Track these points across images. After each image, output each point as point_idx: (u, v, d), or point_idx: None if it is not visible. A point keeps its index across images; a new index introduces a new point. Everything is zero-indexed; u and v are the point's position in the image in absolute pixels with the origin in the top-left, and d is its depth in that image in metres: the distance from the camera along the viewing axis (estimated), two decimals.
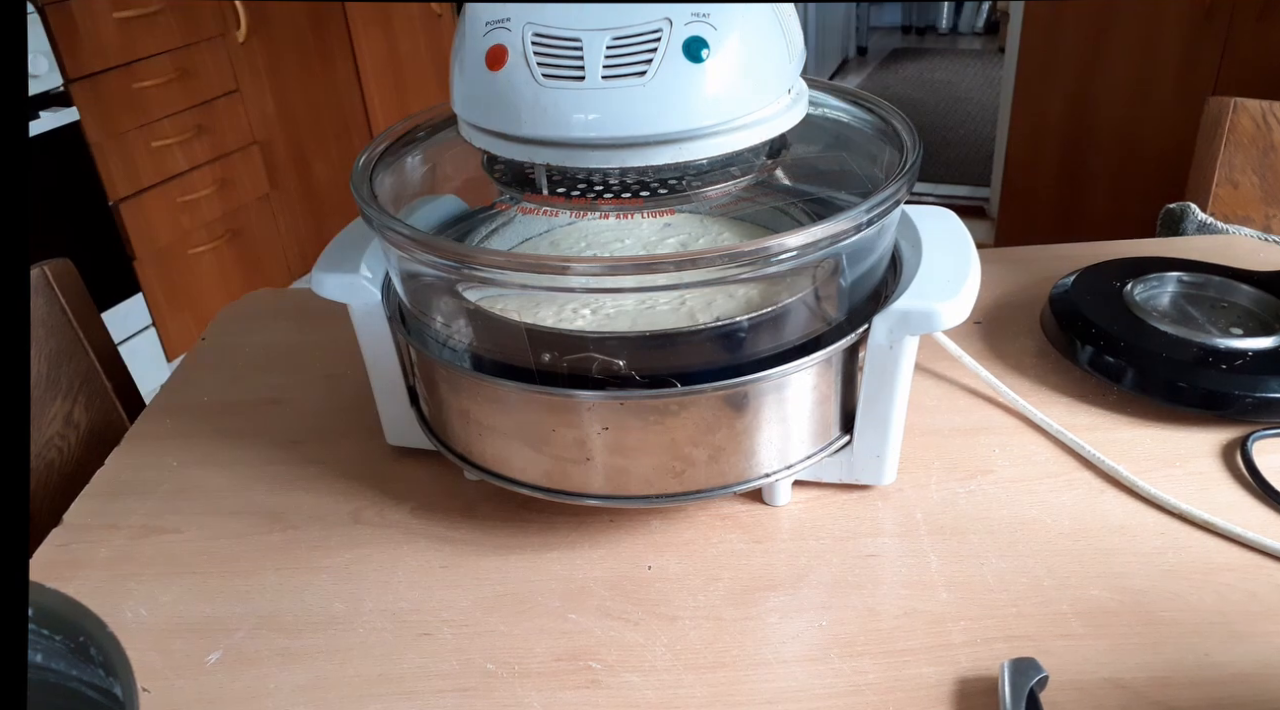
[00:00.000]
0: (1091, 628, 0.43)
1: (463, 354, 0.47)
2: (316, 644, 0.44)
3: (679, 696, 0.41)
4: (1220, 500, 0.49)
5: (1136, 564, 0.46)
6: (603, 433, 0.44)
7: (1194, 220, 0.83)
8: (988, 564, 0.46)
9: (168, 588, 0.48)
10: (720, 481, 0.46)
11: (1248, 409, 0.53)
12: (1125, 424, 0.55)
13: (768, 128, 0.44)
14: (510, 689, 0.42)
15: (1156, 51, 1.86)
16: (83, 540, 0.51)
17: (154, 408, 0.63)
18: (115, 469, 0.57)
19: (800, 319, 0.45)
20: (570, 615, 0.45)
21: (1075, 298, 0.61)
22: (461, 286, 0.46)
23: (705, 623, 0.44)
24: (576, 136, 0.41)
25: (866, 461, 0.49)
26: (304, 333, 0.70)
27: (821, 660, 0.42)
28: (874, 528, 0.49)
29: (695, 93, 0.40)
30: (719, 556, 0.48)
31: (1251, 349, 0.55)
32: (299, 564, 0.49)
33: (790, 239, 0.40)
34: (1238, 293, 0.62)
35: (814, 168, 0.53)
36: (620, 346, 0.43)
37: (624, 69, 0.40)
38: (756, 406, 0.44)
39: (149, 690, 0.42)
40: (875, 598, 0.45)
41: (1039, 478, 0.52)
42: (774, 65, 0.43)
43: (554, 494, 0.47)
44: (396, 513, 0.52)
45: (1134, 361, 0.55)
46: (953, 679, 0.41)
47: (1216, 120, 0.87)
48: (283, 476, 0.55)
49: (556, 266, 0.42)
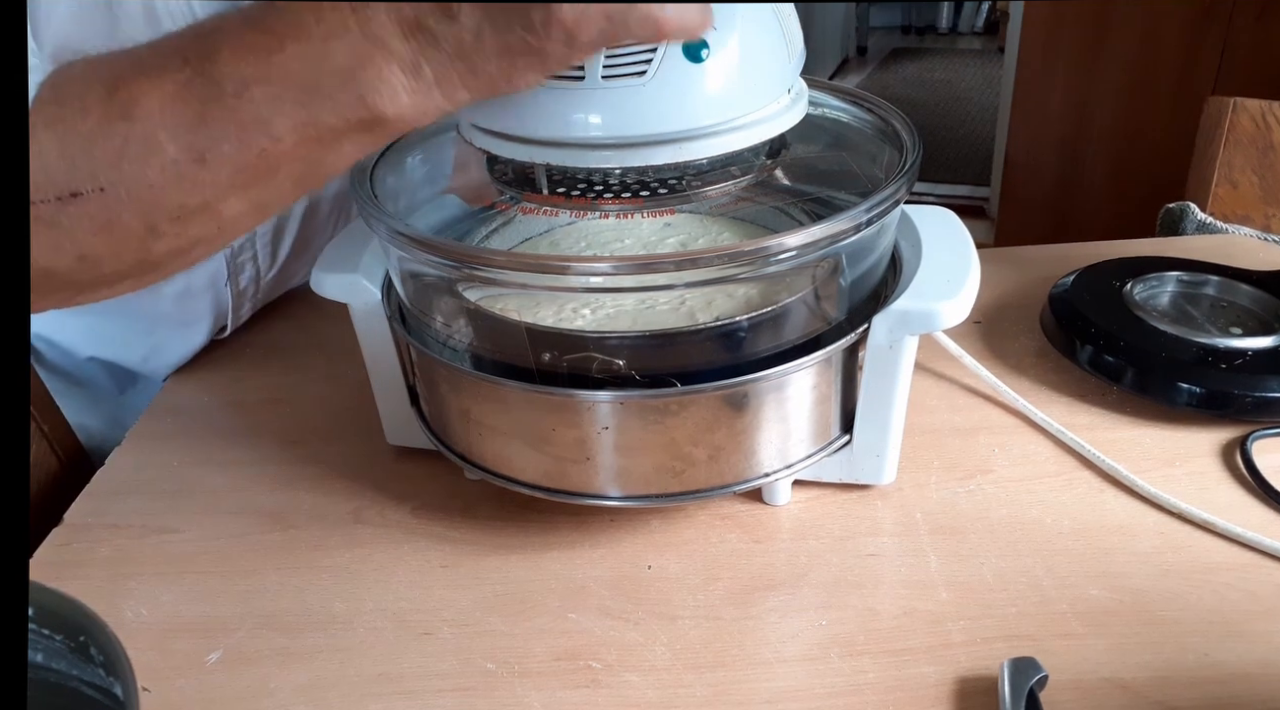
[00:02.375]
0: (1091, 627, 0.43)
1: (463, 354, 0.47)
2: (316, 644, 0.44)
3: (679, 696, 0.41)
4: (1220, 500, 0.49)
5: (1136, 564, 0.46)
6: (603, 432, 0.44)
7: (1194, 220, 0.83)
8: (988, 564, 0.46)
9: (168, 588, 0.48)
10: (720, 481, 0.46)
11: (1247, 409, 0.53)
12: (1125, 424, 0.55)
13: (768, 128, 0.44)
14: (510, 688, 0.42)
15: (1156, 51, 1.86)
16: (83, 540, 0.51)
17: (154, 407, 0.63)
18: (115, 469, 0.57)
19: (800, 319, 0.45)
20: (570, 615, 0.45)
21: (1075, 297, 0.61)
22: (462, 286, 0.46)
23: (705, 622, 0.44)
24: (576, 137, 0.41)
25: (866, 461, 0.49)
26: (304, 333, 0.70)
27: (821, 660, 0.42)
28: (874, 527, 0.49)
29: (695, 93, 0.40)
30: (719, 556, 0.48)
31: (1251, 349, 0.55)
32: (299, 564, 0.49)
33: (790, 239, 0.40)
34: (1237, 292, 0.62)
35: (814, 168, 0.53)
36: (620, 346, 0.43)
37: (623, 69, 0.40)
38: (756, 406, 0.44)
39: (149, 690, 0.42)
40: (875, 597, 0.45)
41: (1039, 477, 0.52)
42: (774, 65, 0.43)
43: (554, 494, 0.47)
44: (396, 513, 0.52)
45: (1134, 361, 0.56)
46: (953, 678, 0.41)
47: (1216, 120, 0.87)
48: (283, 476, 0.55)
49: (557, 266, 0.42)
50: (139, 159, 0.36)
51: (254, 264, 0.64)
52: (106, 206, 0.37)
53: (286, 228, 0.65)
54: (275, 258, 0.66)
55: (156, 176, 0.36)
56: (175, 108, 0.35)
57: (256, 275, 0.65)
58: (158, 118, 0.35)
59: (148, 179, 0.36)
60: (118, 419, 0.67)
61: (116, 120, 0.36)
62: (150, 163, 0.36)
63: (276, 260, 0.66)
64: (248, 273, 0.64)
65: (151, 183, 0.36)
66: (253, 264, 0.64)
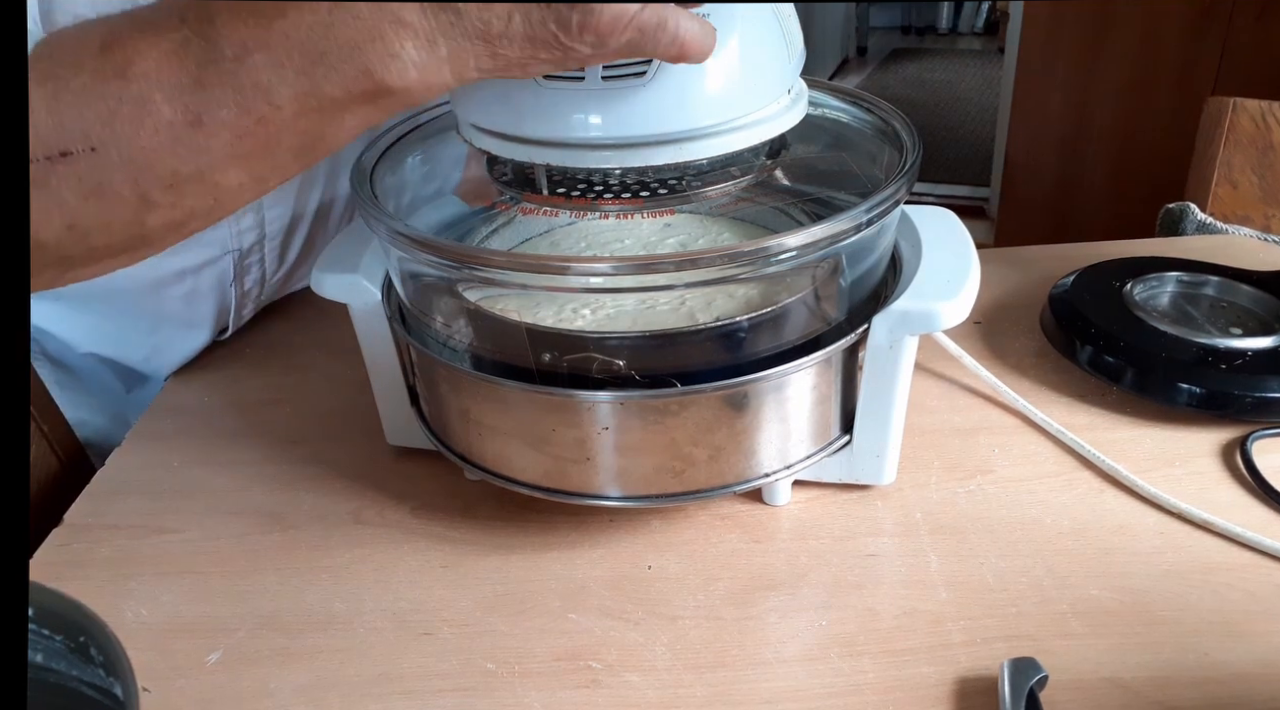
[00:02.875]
0: (1091, 627, 0.43)
1: (463, 354, 0.47)
2: (316, 644, 0.44)
3: (679, 696, 0.41)
4: (1220, 500, 0.49)
5: (1136, 564, 0.46)
6: (603, 432, 0.44)
7: (1193, 220, 0.83)
8: (988, 564, 0.46)
9: (168, 588, 0.48)
10: (720, 481, 0.46)
11: (1247, 409, 0.53)
12: (1125, 424, 0.55)
13: (767, 128, 0.44)
14: (510, 688, 0.42)
15: (1156, 51, 1.86)
16: (83, 540, 0.51)
17: (154, 407, 0.63)
18: (115, 469, 0.57)
19: (800, 319, 0.45)
20: (570, 615, 0.45)
21: (1075, 298, 0.61)
22: (462, 286, 0.46)
23: (705, 622, 0.44)
24: (576, 137, 0.41)
25: (866, 461, 0.49)
26: (304, 333, 0.70)
27: (821, 660, 0.42)
28: (874, 527, 0.49)
29: (694, 93, 0.40)
30: (719, 556, 0.48)
31: (1251, 349, 0.55)
32: (299, 564, 0.49)
33: (790, 239, 0.40)
34: (1237, 293, 0.62)
35: (814, 168, 0.53)
36: (620, 346, 0.43)
37: (623, 69, 0.40)
38: (756, 406, 0.44)
39: (149, 690, 0.42)
40: (875, 597, 0.45)
41: (1039, 477, 0.52)
42: (774, 66, 0.43)
43: (554, 494, 0.47)
44: (396, 513, 0.52)
45: (1134, 361, 0.56)
46: (953, 678, 0.41)
47: (1216, 120, 0.87)
48: (283, 476, 0.55)
49: (557, 266, 0.43)
50: (132, 119, 0.35)
51: (260, 266, 0.64)
52: (97, 167, 0.35)
53: (297, 229, 0.65)
54: (283, 261, 0.66)
55: (150, 138, 0.35)
56: (171, 67, 0.34)
57: (262, 277, 0.65)
58: (154, 77, 0.34)
59: (141, 141, 0.35)
60: (120, 416, 0.67)
61: (111, 79, 0.34)
62: (144, 123, 0.35)
63: (285, 263, 0.66)
64: (254, 275, 0.64)
65: (145, 145, 0.35)
66: (259, 266, 0.64)
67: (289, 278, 0.68)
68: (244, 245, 0.61)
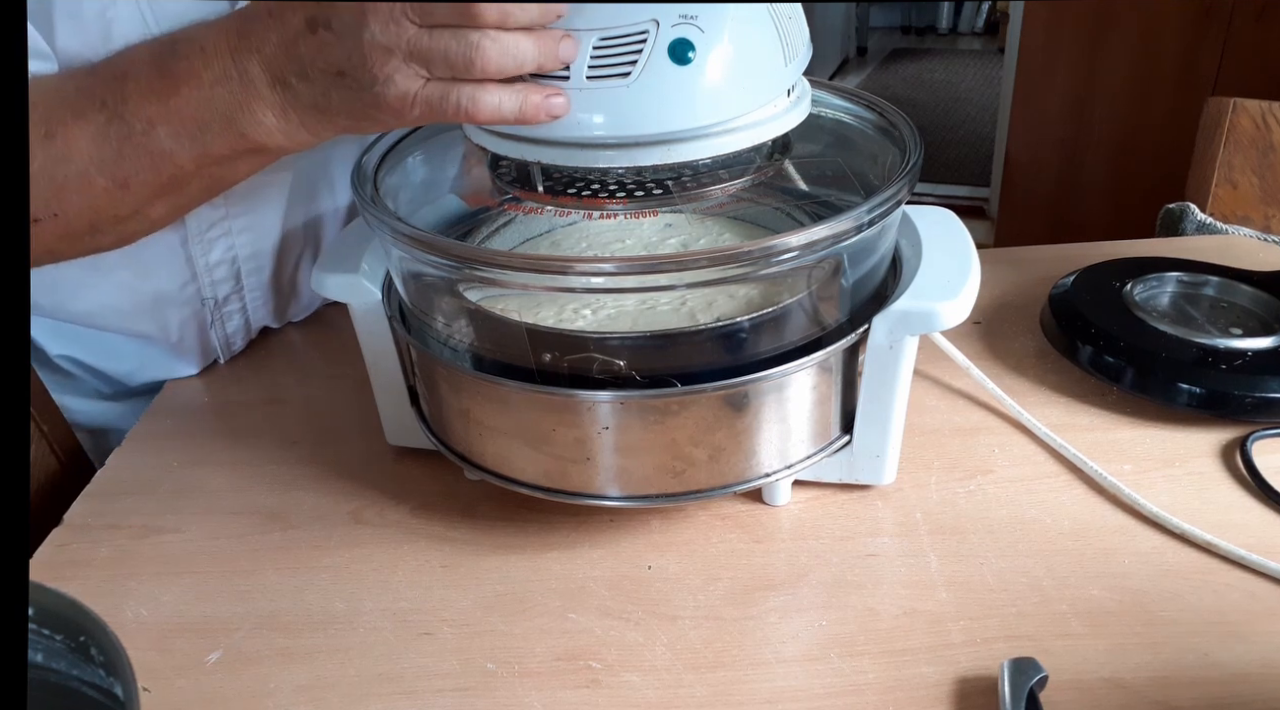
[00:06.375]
0: (1091, 628, 0.43)
1: (463, 354, 0.47)
2: (316, 644, 0.44)
3: (679, 696, 0.41)
4: (1220, 500, 0.49)
5: (1136, 564, 0.46)
6: (603, 432, 0.44)
7: (1193, 220, 0.83)
8: (988, 564, 0.46)
9: (168, 588, 0.48)
10: (720, 481, 0.46)
11: (1247, 409, 0.53)
12: (1125, 424, 0.55)
13: (762, 130, 0.44)
14: (510, 688, 0.42)
15: (1156, 51, 1.87)
16: (83, 540, 0.51)
17: (154, 408, 0.63)
18: (115, 469, 0.57)
19: (801, 319, 0.45)
20: (570, 615, 0.45)
21: (1075, 298, 0.61)
22: (462, 286, 0.46)
23: (705, 622, 0.44)
24: (560, 135, 0.41)
25: (866, 461, 0.49)
26: (304, 333, 0.70)
27: (821, 660, 0.42)
28: (874, 527, 0.49)
29: (679, 95, 0.40)
30: (719, 556, 0.48)
31: (1251, 349, 0.55)
32: (299, 564, 0.49)
33: (791, 239, 0.40)
34: (1237, 293, 0.62)
35: (815, 168, 0.53)
36: (621, 346, 0.43)
37: (608, 70, 0.40)
38: (757, 406, 0.44)
39: (149, 690, 0.42)
40: (875, 597, 0.45)
41: (1039, 478, 0.52)
42: (767, 68, 0.43)
43: (554, 494, 0.47)
44: (396, 513, 0.52)
45: (1133, 362, 0.56)
46: (952, 679, 0.41)
47: (1216, 120, 0.87)
48: (283, 476, 0.55)
49: (558, 266, 0.43)
50: (79, 191, 0.46)
51: (243, 314, 0.65)
52: (61, 225, 0.47)
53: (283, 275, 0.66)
54: (269, 306, 0.66)
55: (93, 202, 0.47)
56: (99, 147, 0.45)
57: (246, 324, 0.65)
58: (88, 157, 0.45)
59: (89, 203, 0.47)
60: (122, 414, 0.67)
61: (57, 163, 0.45)
62: (87, 192, 0.46)
63: (270, 309, 0.66)
64: (235, 322, 0.64)
65: (91, 206, 0.47)
66: (240, 314, 0.64)
67: (281, 315, 0.68)
68: (220, 294, 0.62)
